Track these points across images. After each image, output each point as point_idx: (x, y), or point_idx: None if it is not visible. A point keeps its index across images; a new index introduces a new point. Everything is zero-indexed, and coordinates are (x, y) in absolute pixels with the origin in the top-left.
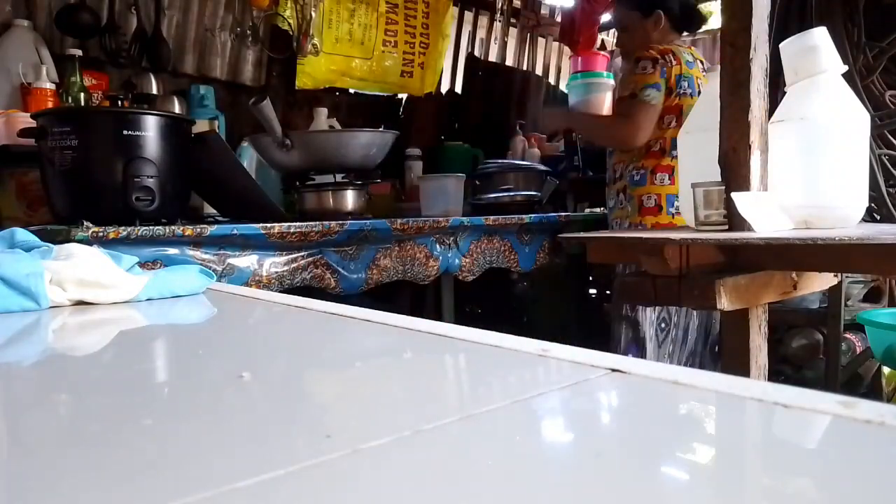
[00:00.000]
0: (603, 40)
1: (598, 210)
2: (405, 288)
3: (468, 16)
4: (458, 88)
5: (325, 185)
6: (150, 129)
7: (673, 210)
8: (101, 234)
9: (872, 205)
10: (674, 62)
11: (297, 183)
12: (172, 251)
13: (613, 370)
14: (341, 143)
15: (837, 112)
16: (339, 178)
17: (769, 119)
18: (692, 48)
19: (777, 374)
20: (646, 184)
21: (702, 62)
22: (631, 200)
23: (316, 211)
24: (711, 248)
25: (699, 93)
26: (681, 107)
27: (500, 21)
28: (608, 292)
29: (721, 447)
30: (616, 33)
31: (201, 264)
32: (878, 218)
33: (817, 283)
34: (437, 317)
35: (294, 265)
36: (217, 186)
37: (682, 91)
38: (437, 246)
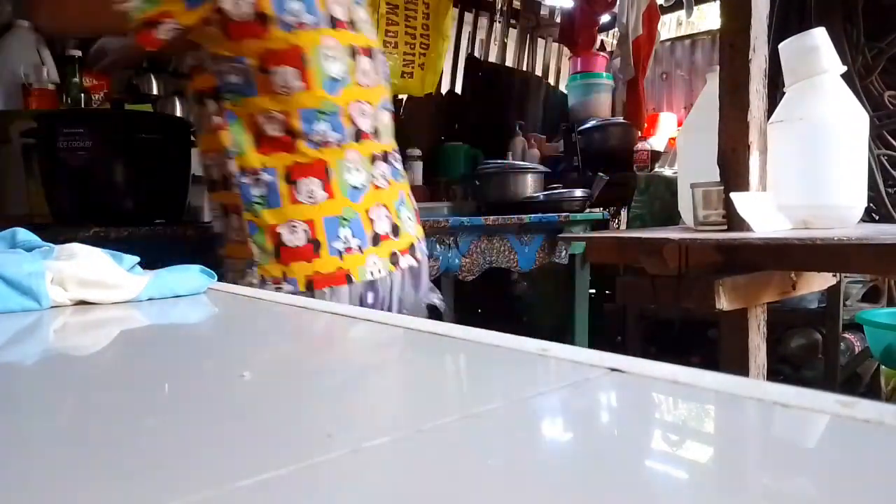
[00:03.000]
0: (602, 41)
1: (598, 210)
2: None
3: (468, 17)
4: (458, 89)
5: None
6: (163, 131)
7: (340, 246)
8: (102, 234)
9: (871, 205)
10: None
11: None
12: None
13: (613, 370)
14: None
15: (836, 112)
16: None
17: (768, 119)
18: None
19: (776, 373)
20: (279, 204)
21: None
22: (258, 234)
23: None
24: (710, 248)
25: (333, 20)
26: (300, 50)
27: (499, 22)
28: (608, 292)
29: (720, 447)
30: None
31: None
32: (877, 218)
33: (816, 283)
34: (437, 317)
35: None
36: None
37: (287, 14)
38: (437, 246)
